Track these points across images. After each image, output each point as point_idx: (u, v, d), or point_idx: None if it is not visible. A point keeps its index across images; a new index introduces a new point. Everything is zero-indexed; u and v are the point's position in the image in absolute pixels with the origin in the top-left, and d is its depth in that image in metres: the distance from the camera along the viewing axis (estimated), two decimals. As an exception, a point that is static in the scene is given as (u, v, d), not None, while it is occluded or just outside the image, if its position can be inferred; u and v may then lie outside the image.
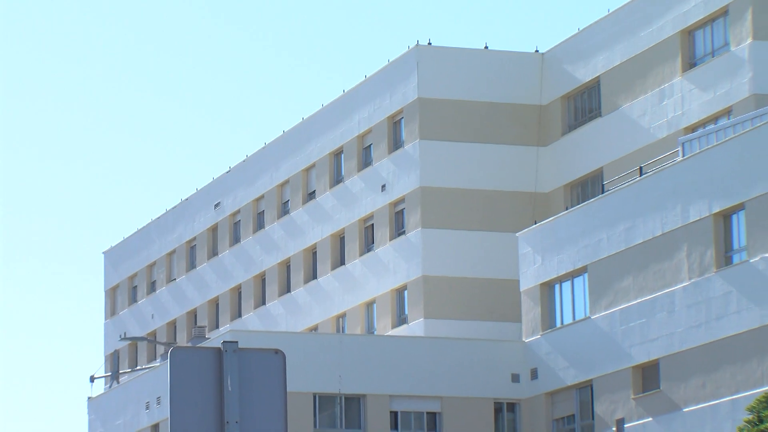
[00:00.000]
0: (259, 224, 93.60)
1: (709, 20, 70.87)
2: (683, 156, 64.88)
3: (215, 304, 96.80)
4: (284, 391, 14.05)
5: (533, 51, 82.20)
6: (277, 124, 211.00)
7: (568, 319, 69.93)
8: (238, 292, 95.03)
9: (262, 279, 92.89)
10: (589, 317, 68.25)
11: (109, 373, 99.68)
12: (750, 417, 40.94)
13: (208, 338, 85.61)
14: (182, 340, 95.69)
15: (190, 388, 13.85)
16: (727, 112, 67.96)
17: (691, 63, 71.87)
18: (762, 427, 39.50)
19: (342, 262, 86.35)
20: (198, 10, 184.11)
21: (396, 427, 71.58)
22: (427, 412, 72.00)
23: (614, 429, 66.41)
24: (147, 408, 77.18)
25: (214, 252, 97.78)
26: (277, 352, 14.05)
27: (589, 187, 76.29)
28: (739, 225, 60.98)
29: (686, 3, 71.85)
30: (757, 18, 67.97)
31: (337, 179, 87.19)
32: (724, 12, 69.83)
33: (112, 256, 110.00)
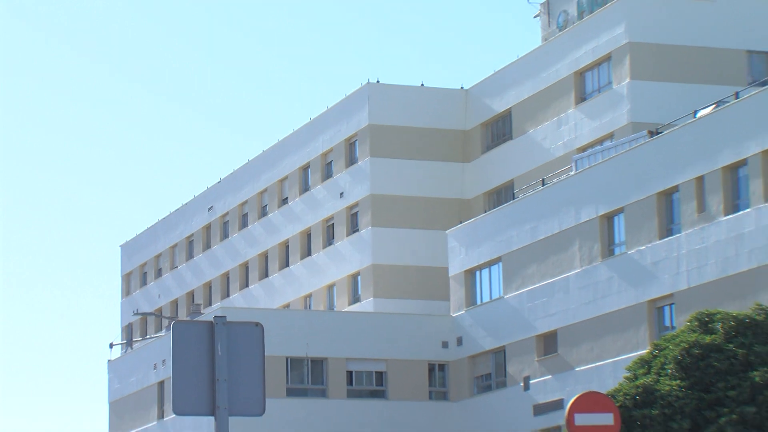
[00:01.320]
0: (244, 224, 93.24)
1: (596, 64, 71.00)
2: (576, 170, 65.04)
3: (209, 286, 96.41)
4: (262, 355, 14.54)
5: (459, 87, 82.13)
6: (258, 144, 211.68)
7: (486, 299, 69.86)
8: (227, 277, 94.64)
9: (245, 267, 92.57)
10: (503, 297, 68.16)
11: (125, 341, 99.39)
12: (628, 375, 41.10)
13: (203, 314, 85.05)
14: (182, 315, 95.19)
15: (187, 352, 14.26)
16: (610, 136, 68.01)
17: (582, 98, 71.86)
18: (637, 383, 39.58)
19: (309, 254, 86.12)
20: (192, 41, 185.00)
21: (351, 383, 71.38)
22: (375, 372, 71.71)
23: (522, 384, 66.68)
24: (155, 368, 76.77)
25: (207, 245, 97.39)
26: (257, 324, 14.60)
27: (503, 194, 76.12)
28: (620, 224, 61.11)
29: (578, 50, 71.85)
30: (634, 62, 68.11)
31: (305, 188, 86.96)
32: (608, 58, 69.92)
33: (127, 249, 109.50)
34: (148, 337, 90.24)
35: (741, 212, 54.70)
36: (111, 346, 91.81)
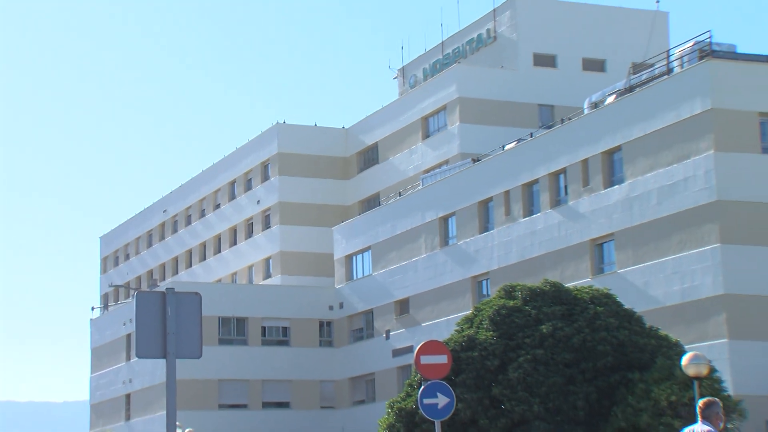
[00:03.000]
0: (188, 222, 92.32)
1: (436, 112, 71.22)
2: (422, 186, 65.09)
3: (163, 267, 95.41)
4: (200, 315, 14.54)
5: (341, 127, 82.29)
6: (198, 166, 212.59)
7: (359, 275, 69.81)
8: (176, 260, 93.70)
9: (190, 253, 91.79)
10: (372, 274, 68.07)
11: (103, 306, 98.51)
12: (457, 329, 41.24)
13: (159, 286, 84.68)
14: (144, 287, 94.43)
15: (147, 314, 14.30)
16: (446, 162, 68.46)
17: (426, 135, 71.92)
18: (462, 334, 39.79)
19: (235, 243, 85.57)
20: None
21: (264, 335, 70.91)
22: (282, 327, 71.35)
23: (384, 335, 66.91)
24: (124, 325, 76.12)
25: (162, 237, 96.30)
26: (196, 293, 14.60)
27: (372, 202, 76.20)
28: (452, 224, 61.45)
29: (424, 102, 72.14)
30: (462, 111, 68.37)
31: (232, 197, 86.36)
32: (444, 108, 70.31)
33: (105, 239, 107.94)
34: (119, 302, 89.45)
35: (534, 215, 55.39)
36: (92, 309, 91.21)
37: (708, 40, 49.49)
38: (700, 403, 16.31)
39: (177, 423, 15.91)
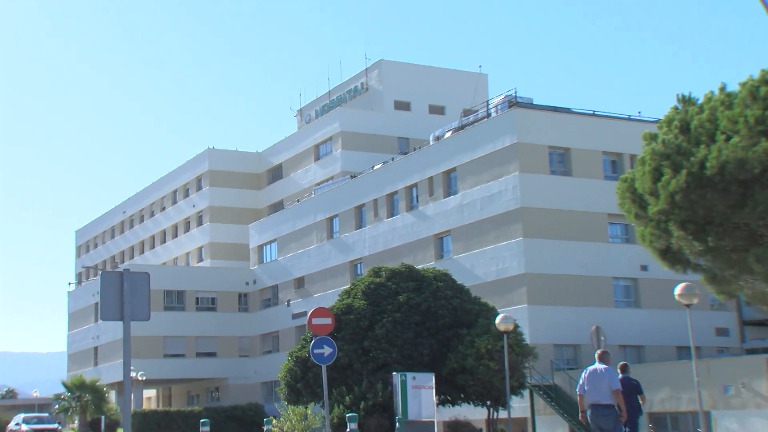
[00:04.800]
0: (142, 220, 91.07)
1: (325, 141, 70.76)
2: (315, 195, 65.06)
3: (122, 253, 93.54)
4: (148, 289, 14.39)
5: (255, 151, 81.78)
6: (149, 178, 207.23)
7: (268, 260, 69.44)
8: (132, 248, 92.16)
9: (143, 243, 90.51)
10: (277, 259, 67.74)
11: (77, 282, 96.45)
12: (339, 299, 40.86)
13: (118, 267, 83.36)
14: (108, 268, 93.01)
15: (109, 288, 14.16)
16: (332, 177, 68.44)
17: (318, 157, 71.71)
18: (342, 302, 39.28)
19: (176, 236, 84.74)
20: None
21: (198, 304, 70.27)
22: (210, 297, 71.02)
23: (286, 304, 66.69)
24: (93, 296, 74.70)
25: (122, 231, 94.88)
26: (146, 273, 14.47)
27: (278, 207, 75.69)
28: (336, 222, 61.07)
29: (316, 134, 71.72)
30: (344, 141, 68.05)
31: (174, 201, 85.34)
32: (330, 138, 70.15)
33: (80, 233, 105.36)
34: (89, 279, 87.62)
35: (395, 217, 55.68)
36: (69, 284, 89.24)
37: (514, 94, 50.41)
38: (598, 352, 16.63)
39: (131, 368, 15.93)
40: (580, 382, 16.22)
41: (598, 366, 16.08)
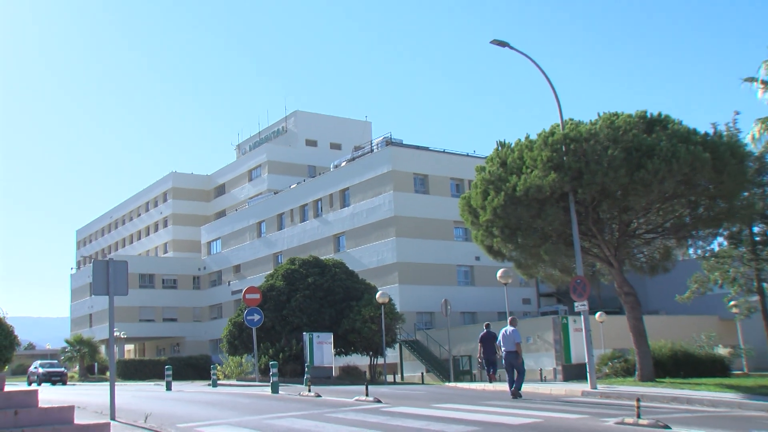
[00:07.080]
0: (123, 223, 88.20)
1: (255, 168, 69.85)
2: (249, 206, 63.71)
3: (110, 247, 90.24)
4: (126, 273, 13.90)
5: (206, 174, 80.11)
6: (125, 195, 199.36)
7: (215, 252, 67.32)
8: (116, 243, 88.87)
9: (124, 240, 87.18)
10: (221, 251, 66.38)
11: (78, 267, 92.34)
12: (265, 280, 39.26)
13: (106, 257, 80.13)
14: (98, 258, 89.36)
15: (99, 272, 13.82)
16: (261, 193, 67.27)
17: (250, 179, 70.50)
18: (268, 283, 37.79)
19: (148, 235, 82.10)
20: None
21: (164, 284, 68.51)
22: (172, 279, 69.31)
23: (228, 284, 65.20)
24: (89, 277, 71.81)
25: (109, 231, 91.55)
26: (125, 261, 14.01)
27: (222, 214, 74.08)
28: (264, 226, 60.13)
29: (250, 162, 70.24)
30: (270, 168, 67.11)
31: (147, 210, 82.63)
32: (260, 165, 69.21)
33: (80, 231, 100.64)
34: (86, 265, 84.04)
35: (306, 221, 54.93)
36: (71, 268, 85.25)
37: (390, 136, 51.06)
38: (510, 318, 18.02)
39: (115, 329, 15.56)
40: (500, 337, 17.87)
41: (508, 327, 17.54)
